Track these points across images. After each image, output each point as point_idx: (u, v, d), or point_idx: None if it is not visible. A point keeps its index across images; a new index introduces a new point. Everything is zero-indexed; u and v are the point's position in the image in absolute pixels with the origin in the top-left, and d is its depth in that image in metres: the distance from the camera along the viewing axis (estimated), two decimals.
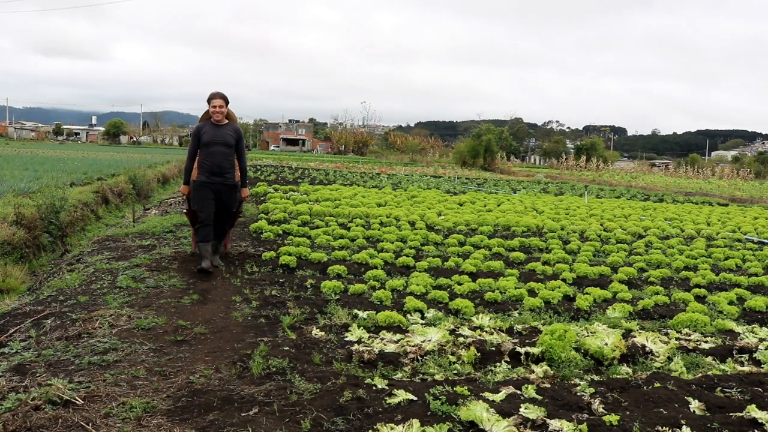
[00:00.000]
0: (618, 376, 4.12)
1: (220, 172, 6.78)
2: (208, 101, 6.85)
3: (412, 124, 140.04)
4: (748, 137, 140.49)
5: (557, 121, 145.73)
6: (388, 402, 3.45)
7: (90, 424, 3.07)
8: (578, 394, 3.66)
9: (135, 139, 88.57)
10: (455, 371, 4.11)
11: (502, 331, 4.91)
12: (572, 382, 3.96)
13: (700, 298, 6.37)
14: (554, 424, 3.18)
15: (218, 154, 6.75)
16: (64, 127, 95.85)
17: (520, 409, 3.31)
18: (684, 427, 3.21)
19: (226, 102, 6.85)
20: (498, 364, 4.27)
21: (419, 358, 4.22)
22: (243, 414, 3.26)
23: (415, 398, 3.49)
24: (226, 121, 6.92)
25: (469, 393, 3.57)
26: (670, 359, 4.44)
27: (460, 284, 6.41)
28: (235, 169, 6.97)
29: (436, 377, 3.95)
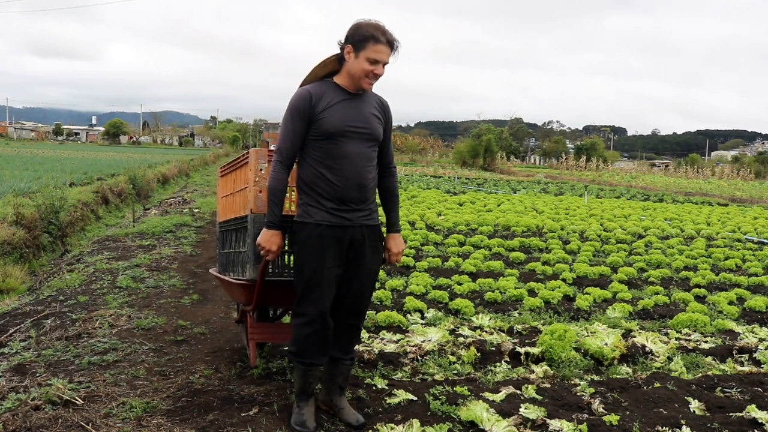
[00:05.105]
0: (618, 376, 4.12)
1: (359, 198, 3.14)
2: (363, 42, 3.04)
3: (412, 124, 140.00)
4: (748, 137, 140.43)
5: (557, 121, 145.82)
6: (388, 402, 3.45)
7: (90, 424, 3.07)
8: (578, 394, 3.66)
9: (135, 139, 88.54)
10: (455, 371, 4.11)
11: (502, 331, 4.91)
12: (572, 382, 3.96)
13: (700, 298, 6.37)
14: (554, 424, 3.18)
15: (358, 159, 3.12)
16: (64, 127, 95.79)
17: (520, 409, 3.31)
18: (684, 427, 3.22)
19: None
20: (498, 364, 4.27)
21: (419, 358, 4.22)
22: (243, 414, 3.26)
23: (415, 398, 3.49)
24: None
25: (469, 393, 3.57)
26: (670, 359, 4.44)
27: (460, 284, 6.41)
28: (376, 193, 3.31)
29: (436, 377, 3.95)
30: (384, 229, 3.33)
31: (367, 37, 3.02)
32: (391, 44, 3.08)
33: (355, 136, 3.11)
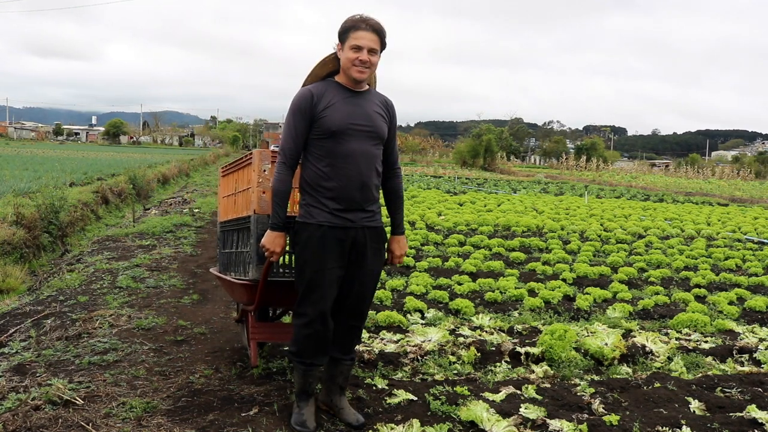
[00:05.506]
0: (618, 376, 4.12)
1: (362, 198, 3.11)
2: (344, 33, 3.06)
3: (412, 124, 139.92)
4: (748, 137, 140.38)
5: (558, 121, 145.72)
6: (388, 402, 3.45)
7: (90, 424, 3.07)
8: (578, 394, 3.66)
9: (135, 139, 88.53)
10: (455, 371, 4.11)
11: (502, 331, 4.91)
12: (572, 382, 3.96)
13: (700, 298, 6.37)
14: (554, 424, 3.18)
15: (361, 158, 3.08)
16: (64, 127, 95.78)
17: (520, 409, 3.31)
18: (684, 427, 3.22)
19: (382, 44, 3.11)
20: (498, 364, 4.27)
21: (419, 358, 4.22)
22: (243, 414, 3.26)
23: (415, 398, 3.49)
24: (367, 86, 3.21)
25: (469, 393, 3.57)
26: (670, 359, 4.44)
27: (460, 284, 6.41)
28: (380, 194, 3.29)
29: (436, 377, 3.95)
30: (387, 230, 3.34)
31: (348, 28, 3.04)
32: (374, 30, 3.03)
33: (357, 133, 3.06)
